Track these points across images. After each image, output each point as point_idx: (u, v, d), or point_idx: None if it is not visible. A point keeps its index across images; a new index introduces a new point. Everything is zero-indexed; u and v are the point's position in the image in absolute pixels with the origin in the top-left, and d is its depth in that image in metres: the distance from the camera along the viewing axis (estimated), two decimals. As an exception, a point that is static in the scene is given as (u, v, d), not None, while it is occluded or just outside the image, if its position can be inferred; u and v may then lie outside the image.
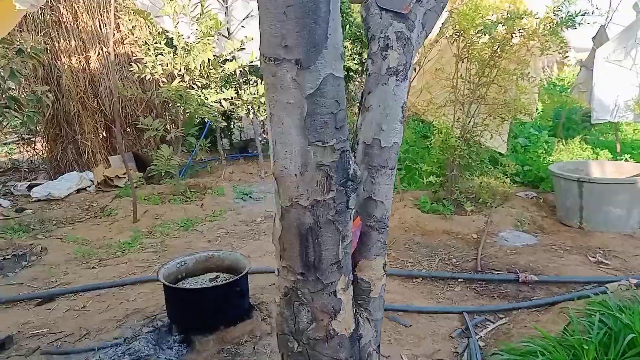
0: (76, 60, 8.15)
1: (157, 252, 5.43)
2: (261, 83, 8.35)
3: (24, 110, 4.53)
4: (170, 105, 9.04)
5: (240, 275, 3.43)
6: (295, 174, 1.64)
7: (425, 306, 4.01)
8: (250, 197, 7.49)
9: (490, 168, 6.01)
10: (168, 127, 8.30)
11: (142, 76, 6.76)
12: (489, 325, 3.82)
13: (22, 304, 4.28)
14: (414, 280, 4.58)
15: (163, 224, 6.32)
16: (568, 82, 12.35)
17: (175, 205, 6.91)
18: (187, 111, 6.86)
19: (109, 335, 3.68)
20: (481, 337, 3.66)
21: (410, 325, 3.73)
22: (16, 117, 4.80)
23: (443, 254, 5.16)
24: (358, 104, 2.11)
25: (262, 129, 10.53)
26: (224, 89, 7.18)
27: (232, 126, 10.23)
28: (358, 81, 10.27)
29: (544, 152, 7.03)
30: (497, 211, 6.03)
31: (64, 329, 3.82)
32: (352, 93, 10.58)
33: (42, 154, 8.97)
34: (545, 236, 5.55)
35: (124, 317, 3.95)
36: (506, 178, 5.94)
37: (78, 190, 7.68)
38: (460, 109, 5.92)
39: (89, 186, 7.83)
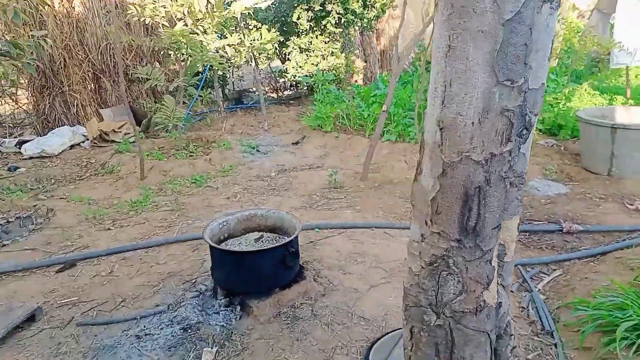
0: (59, 3, 7.42)
1: (174, 210, 5.10)
2: (259, 28, 7.83)
3: (22, 57, 4.01)
4: (162, 53, 8.47)
5: (295, 234, 3.16)
6: (473, 122, 1.34)
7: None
8: (258, 150, 7.13)
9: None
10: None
11: (141, 20, 6.17)
12: (544, 277, 3.69)
13: (41, 270, 3.94)
14: (455, 234, 4.39)
15: (172, 180, 5.95)
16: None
17: (181, 160, 6.51)
18: (188, 58, 6.35)
19: (148, 302, 3.41)
20: (540, 289, 3.53)
21: (467, 281, 3.56)
22: (14, 65, 4.26)
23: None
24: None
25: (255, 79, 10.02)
26: (227, 35, 6.65)
27: (227, 76, 9.68)
28: (359, 25, 9.75)
29: (563, 98, 6.84)
30: (522, 160, 5.85)
31: (96, 297, 3.52)
32: (352, 39, 10.10)
33: (28, 107, 8.32)
34: (576, 184, 5.42)
35: (160, 281, 3.67)
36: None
37: (71, 146, 7.18)
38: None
39: (83, 141, 7.32)
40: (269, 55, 8.97)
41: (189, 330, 3.03)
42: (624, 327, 2.64)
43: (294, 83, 10.40)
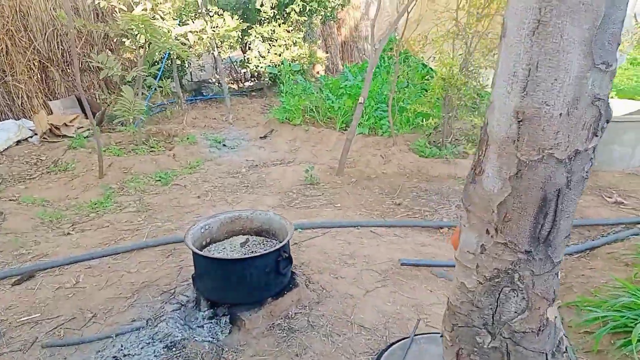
0: (-1, -16, 6.77)
1: (139, 211, 4.71)
2: (220, 14, 7.41)
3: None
4: (115, 40, 7.94)
5: (288, 237, 2.90)
6: (560, 113, 1.14)
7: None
8: (224, 145, 6.77)
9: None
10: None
11: (95, 3, 5.67)
12: (537, 274, 3.58)
13: (-6, 283, 3.49)
14: (441, 231, 4.26)
15: (134, 178, 5.53)
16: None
17: (142, 155, 6.07)
18: (148, 46, 5.90)
19: (122, 317, 3.06)
20: (535, 288, 3.41)
21: (463, 281, 3.41)
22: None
23: (456, 200, 4.87)
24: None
25: (217, 69, 9.58)
26: (189, 21, 6.24)
27: (186, 65, 9.19)
28: (322, 14, 9.48)
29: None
30: (498, 153, 5.81)
31: (61, 313, 3.14)
32: (315, 28, 9.82)
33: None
34: (552, 177, 5.41)
35: (133, 293, 3.32)
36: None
37: (18, 142, 6.56)
38: (466, 44, 5.48)
39: (31, 136, 6.72)
40: (231, 44, 8.56)
41: (174, 349, 2.72)
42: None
43: (256, 74, 10.02)
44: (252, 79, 10.42)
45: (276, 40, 9.00)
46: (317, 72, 11.03)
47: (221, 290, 2.85)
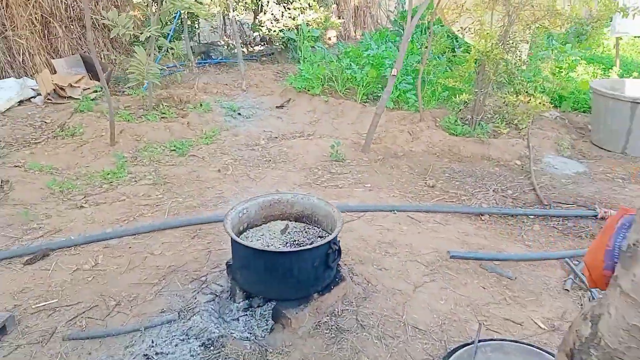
0: None
1: (157, 184, 4.38)
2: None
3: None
4: (123, -4, 7.43)
5: (339, 228, 2.60)
6: None
7: (523, 254, 3.43)
8: (239, 114, 6.39)
9: (529, 85, 5.38)
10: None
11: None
12: (591, 272, 3.33)
13: (5, 262, 3.18)
14: (482, 218, 3.98)
15: (148, 146, 5.17)
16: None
17: (154, 122, 5.69)
18: (161, 3, 5.45)
19: (150, 307, 2.79)
20: (592, 287, 3.17)
21: (515, 278, 3.16)
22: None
23: (493, 184, 4.58)
24: None
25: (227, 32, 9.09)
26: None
27: (196, 26, 8.68)
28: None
29: (566, 67, 6.49)
30: (532, 134, 5.50)
31: (81, 299, 2.86)
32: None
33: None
34: (591, 162, 5.14)
35: (160, 279, 3.04)
36: (543, 96, 5.33)
37: (20, 102, 6.15)
38: (508, 14, 5.08)
39: (34, 97, 6.29)
40: (246, 5, 8.06)
41: (212, 347, 2.46)
42: None
43: (267, 38, 9.53)
44: (263, 43, 9.93)
45: (291, 2, 8.50)
46: (329, 39, 10.55)
47: (264, 284, 2.57)
